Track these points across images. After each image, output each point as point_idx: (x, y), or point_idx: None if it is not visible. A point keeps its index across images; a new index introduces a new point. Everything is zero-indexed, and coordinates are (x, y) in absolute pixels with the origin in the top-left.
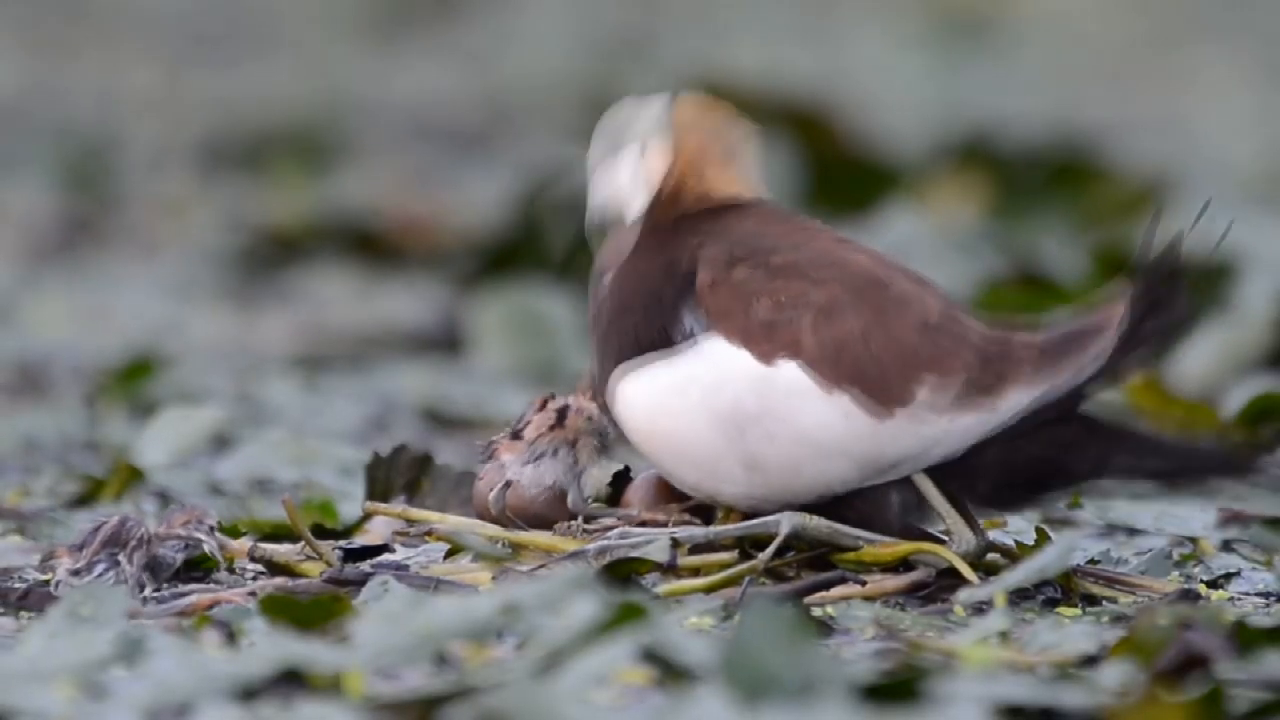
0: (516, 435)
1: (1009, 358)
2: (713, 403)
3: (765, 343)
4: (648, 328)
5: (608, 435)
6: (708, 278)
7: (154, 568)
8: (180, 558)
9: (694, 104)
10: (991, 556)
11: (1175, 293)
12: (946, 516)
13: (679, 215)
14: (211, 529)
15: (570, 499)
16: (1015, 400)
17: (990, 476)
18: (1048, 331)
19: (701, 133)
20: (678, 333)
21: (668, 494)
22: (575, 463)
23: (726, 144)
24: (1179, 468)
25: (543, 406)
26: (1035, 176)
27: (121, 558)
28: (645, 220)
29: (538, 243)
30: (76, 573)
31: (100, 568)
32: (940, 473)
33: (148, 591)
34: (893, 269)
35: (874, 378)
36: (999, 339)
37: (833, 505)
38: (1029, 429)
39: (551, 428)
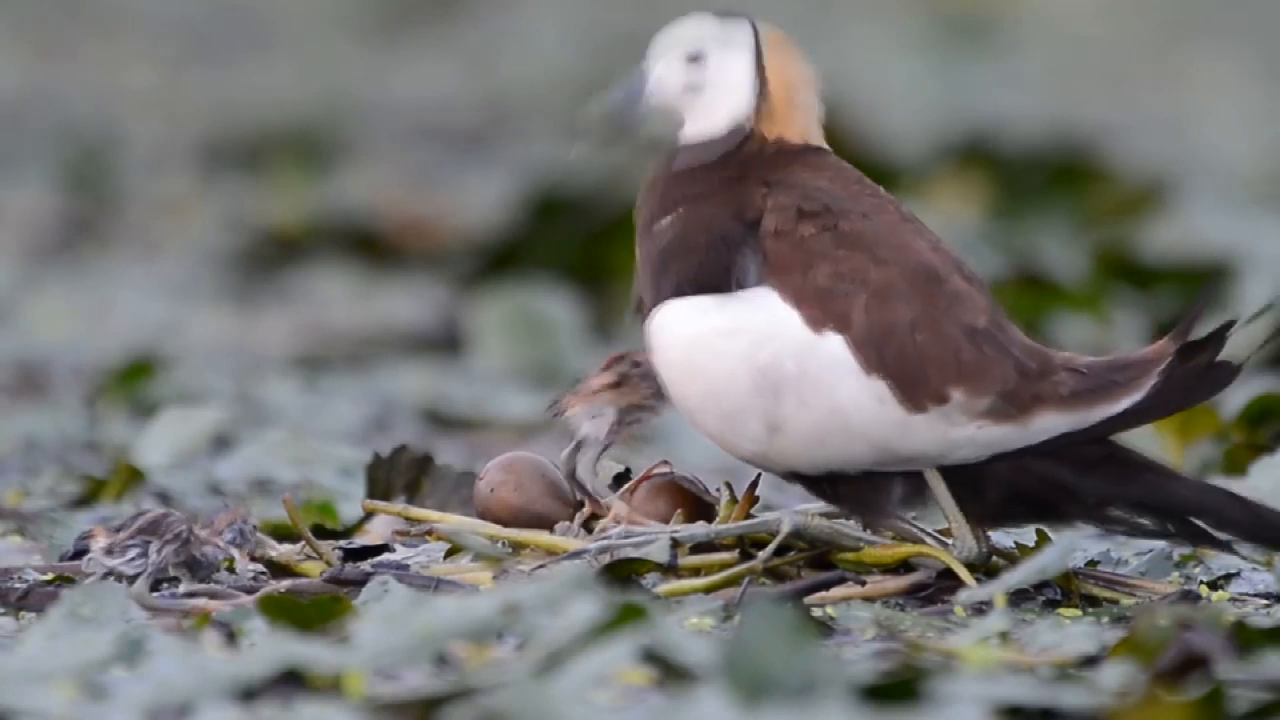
0: (577, 387)
1: (1047, 378)
2: (755, 355)
3: (817, 309)
4: (711, 267)
5: (651, 417)
6: (773, 225)
7: (193, 565)
8: (222, 559)
9: (782, 41)
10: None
11: (1219, 343)
12: (952, 519)
13: (748, 157)
14: (255, 528)
15: (581, 460)
16: (1048, 423)
17: (998, 489)
18: (1092, 360)
19: (789, 74)
20: (737, 274)
21: (671, 497)
22: (609, 432)
23: (807, 90)
24: (1193, 513)
25: (609, 365)
26: (1035, 177)
27: (153, 548)
28: (714, 162)
29: (538, 243)
30: (110, 551)
31: (132, 552)
32: (949, 477)
33: (183, 587)
34: (950, 261)
35: (914, 371)
36: (1041, 356)
37: (833, 482)
38: (1051, 450)
39: (608, 387)
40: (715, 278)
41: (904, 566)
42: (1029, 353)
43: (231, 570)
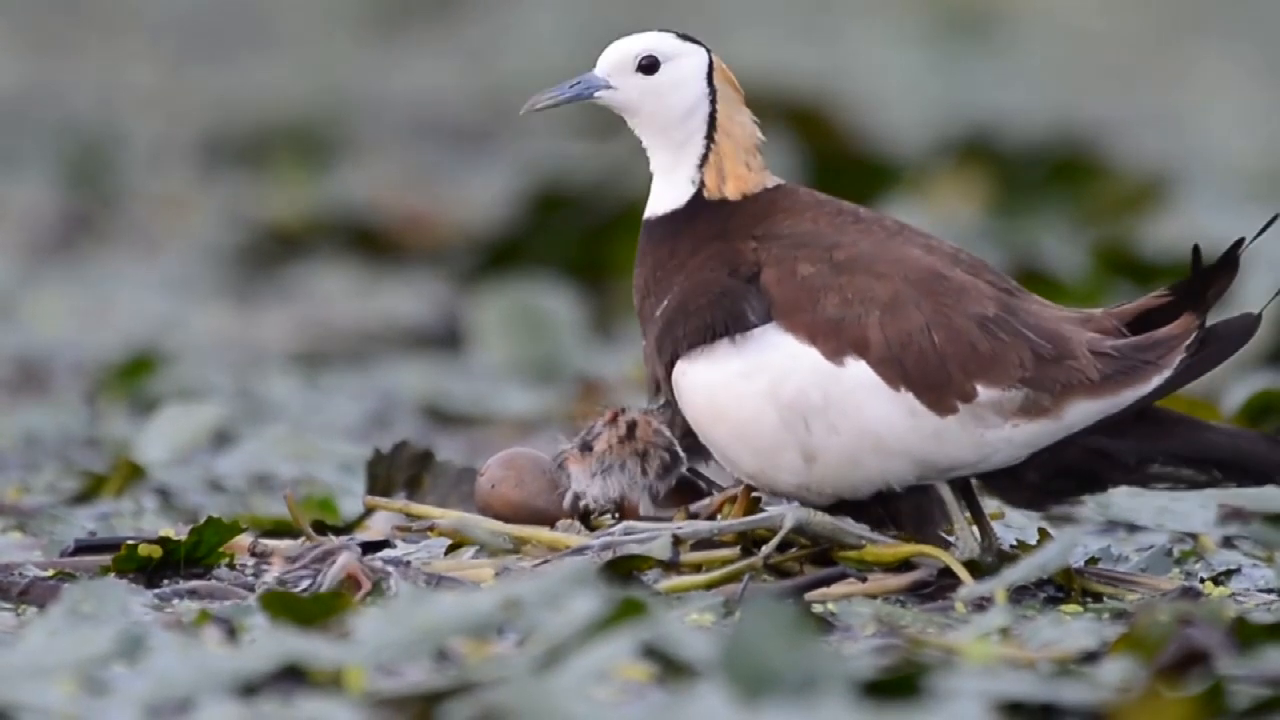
0: (586, 448)
1: (1065, 360)
2: (778, 391)
3: (833, 339)
4: (715, 320)
5: (676, 450)
6: (774, 276)
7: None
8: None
9: (730, 79)
10: None
11: (1234, 265)
12: (955, 521)
13: (722, 216)
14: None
15: (642, 510)
16: (1081, 412)
17: (1037, 470)
18: (1118, 342)
19: (736, 120)
20: (744, 325)
21: (675, 493)
22: (644, 474)
23: (751, 131)
24: (1230, 460)
25: (613, 420)
26: (1036, 173)
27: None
28: (693, 226)
29: (538, 239)
30: (283, 583)
31: (305, 583)
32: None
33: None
34: (946, 257)
35: (936, 373)
36: (1057, 337)
37: (885, 501)
38: (1086, 434)
39: (622, 441)
40: (721, 329)
41: (905, 564)
42: (1045, 334)
43: (232, 567)
